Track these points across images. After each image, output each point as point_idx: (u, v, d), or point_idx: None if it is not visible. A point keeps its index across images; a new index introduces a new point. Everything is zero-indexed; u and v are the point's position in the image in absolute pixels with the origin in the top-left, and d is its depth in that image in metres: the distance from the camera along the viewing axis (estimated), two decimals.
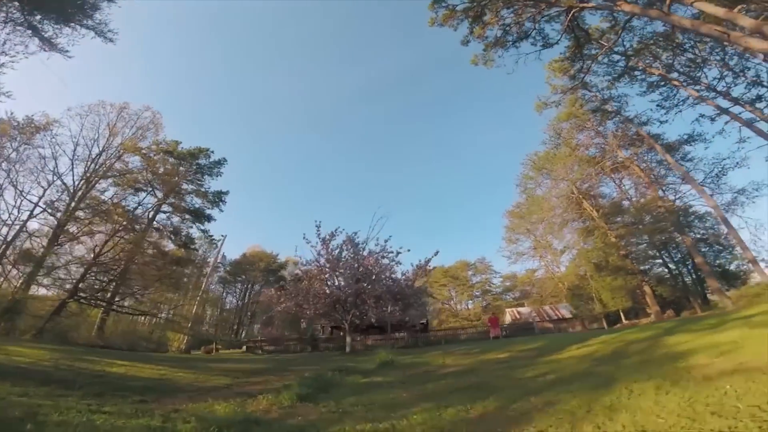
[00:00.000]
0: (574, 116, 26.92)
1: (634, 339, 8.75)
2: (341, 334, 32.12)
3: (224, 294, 45.33)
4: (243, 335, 39.20)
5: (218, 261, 38.07)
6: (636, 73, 23.70)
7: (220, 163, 35.64)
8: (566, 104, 27.09)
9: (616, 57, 23.54)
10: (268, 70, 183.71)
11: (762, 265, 19.20)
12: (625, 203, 29.63)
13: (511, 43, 21.38)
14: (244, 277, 44.50)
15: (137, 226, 28.87)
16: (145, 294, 29.12)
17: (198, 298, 31.25)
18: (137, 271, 26.90)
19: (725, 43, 14.29)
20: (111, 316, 26.96)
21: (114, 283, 26.22)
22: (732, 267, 24.04)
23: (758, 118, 19.66)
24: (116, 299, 26.49)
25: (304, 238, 21.11)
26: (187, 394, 8.19)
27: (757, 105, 20.15)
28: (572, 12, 18.69)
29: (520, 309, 40.71)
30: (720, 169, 23.92)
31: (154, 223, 31.69)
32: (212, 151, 35.22)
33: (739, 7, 13.91)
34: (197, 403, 6.74)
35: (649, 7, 15.52)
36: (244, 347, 27.69)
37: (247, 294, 45.58)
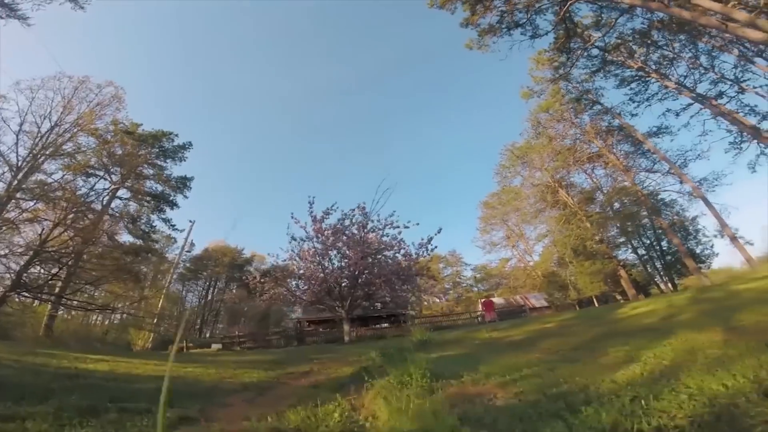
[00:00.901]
0: (559, 103, 28.20)
1: (693, 296, 8.51)
2: (319, 329, 30.85)
3: (184, 292, 41.58)
4: (207, 335, 36.19)
5: (187, 249, 34.85)
6: (611, 67, 25.28)
7: (184, 147, 32.92)
8: (548, 95, 28.45)
9: (595, 51, 25.07)
10: (248, 64, 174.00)
11: (741, 242, 21.23)
12: (597, 193, 31.76)
13: (504, 30, 21.91)
14: (206, 273, 41.18)
15: (89, 214, 25.45)
16: (99, 288, 25.74)
17: (164, 291, 28.22)
18: (89, 261, 23.65)
19: (724, 33, 15.45)
20: (60, 314, 23.48)
21: (63, 275, 22.81)
22: (698, 250, 26.49)
23: (724, 113, 21.77)
24: (66, 293, 23.06)
25: (292, 217, 19.78)
26: (241, 395, 5.66)
27: (720, 101, 22.35)
28: (569, 2, 19.46)
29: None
30: (683, 161, 26.31)
31: (110, 210, 28.28)
32: (176, 135, 32.60)
33: (733, 2, 15.22)
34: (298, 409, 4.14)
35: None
36: (220, 345, 25.37)
37: (210, 291, 42.20)
